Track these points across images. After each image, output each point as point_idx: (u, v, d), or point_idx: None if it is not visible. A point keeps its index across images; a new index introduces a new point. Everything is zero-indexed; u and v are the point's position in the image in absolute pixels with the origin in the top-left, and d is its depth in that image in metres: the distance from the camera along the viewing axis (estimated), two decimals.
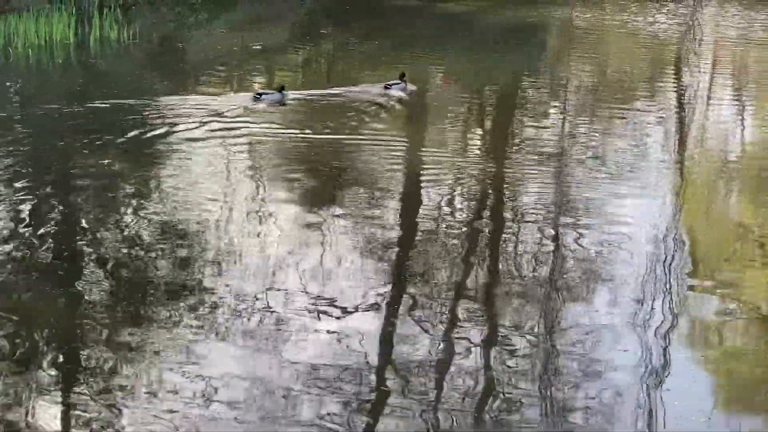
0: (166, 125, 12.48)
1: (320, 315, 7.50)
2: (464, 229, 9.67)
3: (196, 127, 12.40)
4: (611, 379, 6.71)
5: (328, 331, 7.26)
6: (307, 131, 12.66)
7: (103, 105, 13.45)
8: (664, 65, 19.61)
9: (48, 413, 6.10)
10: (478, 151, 12.56)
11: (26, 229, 9.05)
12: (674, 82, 17.82)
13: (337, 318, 7.49)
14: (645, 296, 7.98)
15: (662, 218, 10.03)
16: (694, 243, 9.55)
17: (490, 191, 10.87)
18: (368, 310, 7.65)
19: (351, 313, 7.59)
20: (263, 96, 13.99)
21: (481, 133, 13.36)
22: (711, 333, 7.62)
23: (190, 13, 22.01)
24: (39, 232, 8.97)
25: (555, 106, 15.18)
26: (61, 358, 6.82)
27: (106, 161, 11.10)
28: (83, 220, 9.52)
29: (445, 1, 26.10)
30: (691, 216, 10.47)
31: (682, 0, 26.57)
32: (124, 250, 8.66)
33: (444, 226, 9.70)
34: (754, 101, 16.79)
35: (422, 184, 10.96)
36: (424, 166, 11.64)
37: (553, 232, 9.50)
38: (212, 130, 12.33)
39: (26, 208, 9.58)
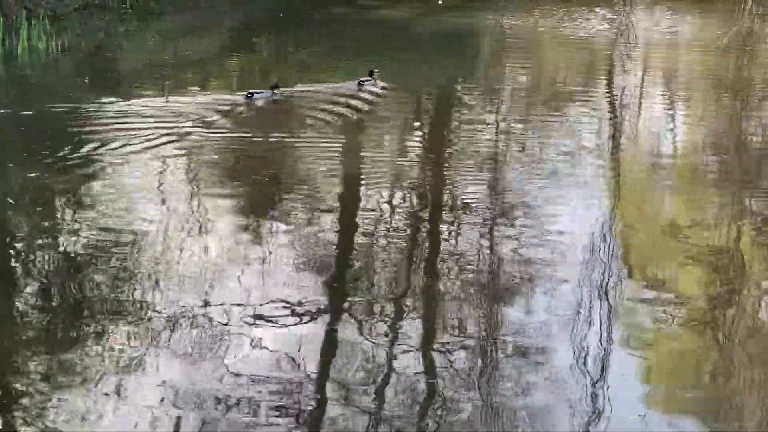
0: (98, 135, 12.21)
1: (260, 324, 7.39)
2: (403, 234, 9.62)
3: (131, 137, 12.14)
4: (548, 380, 6.73)
5: (268, 341, 7.16)
6: (248, 134, 12.63)
7: (30, 114, 13.14)
8: (597, 69, 19.86)
9: None
10: (415, 156, 12.54)
11: None
12: (607, 85, 18.04)
13: (278, 327, 7.38)
14: (581, 296, 8.01)
15: (597, 218, 10.10)
16: (629, 242, 9.65)
17: (428, 195, 10.85)
18: (308, 319, 7.55)
19: (291, 321, 7.48)
20: (255, 95, 14.36)
21: (418, 137, 13.34)
22: (647, 332, 7.67)
23: (120, 23, 21.69)
24: None
25: (491, 110, 15.25)
26: None
27: (34, 174, 10.81)
28: (9, 236, 9.26)
29: (382, 7, 26.14)
30: (626, 216, 10.57)
31: (612, 5, 26.93)
32: (55, 265, 8.44)
33: (383, 231, 9.64)
34: (685, 103, 17.08)
35: (360, 190, 10.91)
36: (363, 171, 11.60)
37: (490, 234, 9.50)
38: (149, 139, 12.09)
39: None
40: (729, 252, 9.40)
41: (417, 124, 13.93)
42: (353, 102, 14.48)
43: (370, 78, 15.45)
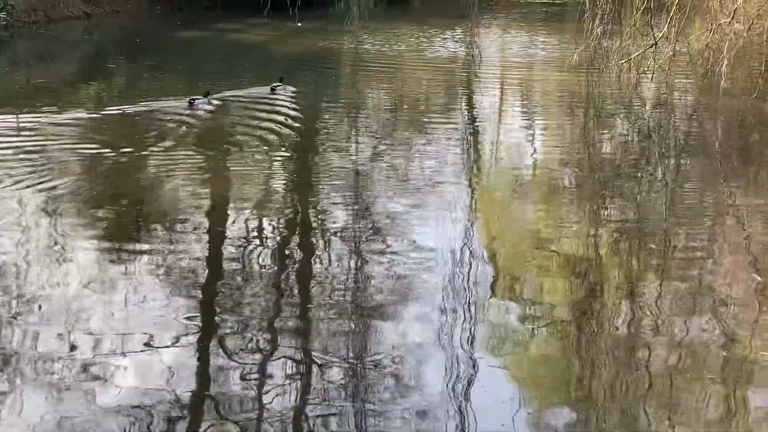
0: None
1: (128, 354, 7.17)
2: (271, 256, 9.53)
3: None
4: (421, 393, 6.78)
5: (137, 370, 6.95)
6: (106, 150, 12.56)
7: None
8: (457, 89, 20.28)
9: None
10: (281, 178, 12.45)
11: None
12: (467, 105, 18.44)
13: (147, 356, 7.17)
14: (449, 310, 8.10)
15: (462, 233, 10.27)
16: (494, 255, 9.84)
17: (293, 217, 10.81)
18: (177, 346, 7.37)
19: (160, 349, 7.28)
20: (196, 101, 15.92)
21: (283, 160, 13.26)
22: (514, 342, 7.81)
23: None
24: None
25: (353, 132, 15.33)
26: None
27: None
28: None
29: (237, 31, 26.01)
30: (489, 229, 10.79)
31: (466, 27, 27.57)
32: None
33: (251, 254, 9.52)
34: (541, 119, 17.62)
35: (227, 212, 10.76)
36: (228, 193, 11.46)
37: (359, 253, 9.52)
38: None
39: None
40: (588, 260, 9.70)
41: (280, 144, 13.85)
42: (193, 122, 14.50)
43: (280, 83, 17.43)
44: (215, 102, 16.37)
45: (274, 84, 17.48)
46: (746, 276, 9.10)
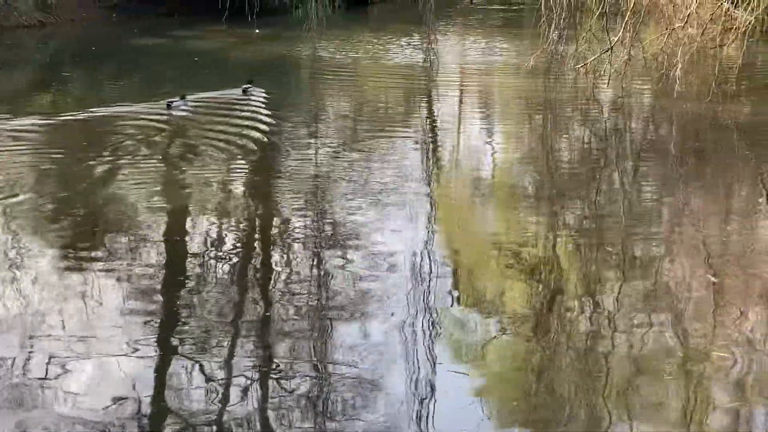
0: None
1: (84, 361, 7.11)
2: (231, 264, 9.49)
3: None
4: (383, 399, 6.80)
5: (93, 378, 6.90)
6: (62, 156, 12.53)
7: None
8: (414, 94, 20.32)
9: None
10: (239, 185, 12.41)
11: None
12: (427, 110, 18.49)
13: (104, 363, 7.12)
14: (411, 317, 8.11)
15: (424, 239, 10.29)
16: (454, 259, 9.87)
17: (255, 225, 10.78)
18: (134, 354, 7.31)
19: (117, 357, 7.22)
20: (174, 103, 16.23)
21: (242, 167, 13.21)
22: (474, 346, 7.84)
23: None
24: None
25: (313, 139, 15.29)
26: None
27: None
28: None
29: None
30: (450, 235, 10.83)
31: (424, 34, 27.64)
32: None
33: (210, 262, 9.47)
34: (498, 123, 17.73)
35: (185, 221, 10.69)
36: (186, 201, 11.40)
37: (320, 260, 9.51)
38: None
39: None
40: (548, 264, 9.77)
41: (239, 151, 13.80)
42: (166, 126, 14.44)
43: (250, 85, 17.95)
44: (191, 104, 16.67)
45: (245, 86, 17.92)
46: (702, 277, 9.21)
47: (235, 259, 9.62)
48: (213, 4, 27.90)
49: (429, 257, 9.63)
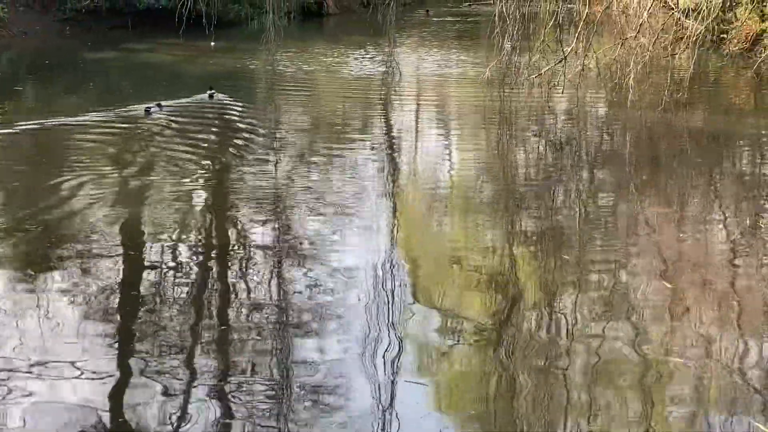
0: None
1: (40, 380, 7.01)
2: (190, 280, 9.41)
3: None
4: (344, 411, 6.80)
5: (55, 401, 6.80)
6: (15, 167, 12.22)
7: None
8: (372, 106, 20.37)
9: None
10: (197, 200, 12.30)
11: None
12: (385, 122, 18.53)
13: (59, 383, 7.02)
14: (371, 329, 8.11)
15: (383, 250, 10.30)
16: (415, 271, 9.89)
17: (213, 238, 10.71)
18: (95, 376, 7.21)
19: (78, 379, 7.13)
20: (151, 109, 17.16)
21: (199, 182, 13.07)
22: (434, 357, 7.84)
23: None
24: None
25: (271, 152, 15.23)
26: None
27: None
28: None
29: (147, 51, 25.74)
30: (409, 245, 10.85)
31: (381, 46, 27.74)
32: None
33: (168, 279, 9.39)
34: (456, 133, 17.82)
35: (143, 237, 10.59)
36: (143, 216, 11.30)
37: (279, 273, 9.48)
38: None
39: None
40: (505, 272, 9.83)
41: (195, 167, 13.71)
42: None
43: (213, 91, 19.25)
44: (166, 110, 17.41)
45: (210, 92, 19.20)
46: (657, 283, 9.32)
47: (191, 276, 9.53)
48: (169, 17, 27.76)
49: (388, 268, 9.64)
